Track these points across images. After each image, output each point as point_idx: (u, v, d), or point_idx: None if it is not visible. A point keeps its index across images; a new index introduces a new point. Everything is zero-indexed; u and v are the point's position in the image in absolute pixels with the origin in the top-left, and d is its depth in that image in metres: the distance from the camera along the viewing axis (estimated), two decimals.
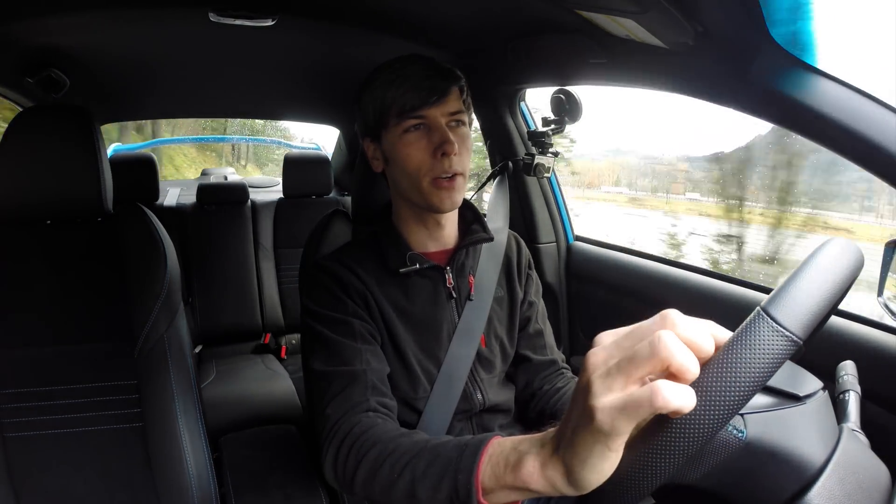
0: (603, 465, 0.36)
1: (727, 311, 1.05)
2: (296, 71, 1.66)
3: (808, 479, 0.44)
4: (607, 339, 0.36)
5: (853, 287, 0.43)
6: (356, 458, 0.61)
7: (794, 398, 0.47)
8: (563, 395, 0.88)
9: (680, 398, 0.31)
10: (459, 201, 0.79)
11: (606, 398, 0.34)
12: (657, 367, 0.33)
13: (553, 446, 0.41)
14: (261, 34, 1.19)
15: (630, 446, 0.36)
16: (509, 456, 0.45)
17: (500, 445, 0.48)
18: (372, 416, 0.66)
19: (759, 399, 0.45)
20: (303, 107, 2.27)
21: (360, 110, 0.81)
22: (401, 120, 0.76)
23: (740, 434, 0.44)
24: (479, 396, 0.84)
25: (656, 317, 0.35)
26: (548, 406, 0.88)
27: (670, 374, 0.33)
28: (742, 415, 0.44)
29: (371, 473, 0.58)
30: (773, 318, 0.35)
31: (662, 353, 0.32)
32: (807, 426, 0.46)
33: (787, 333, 0.34)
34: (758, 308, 0.36)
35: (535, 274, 0.96)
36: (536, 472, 0.41)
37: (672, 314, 0.34)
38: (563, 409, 0.86)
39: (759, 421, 0.44)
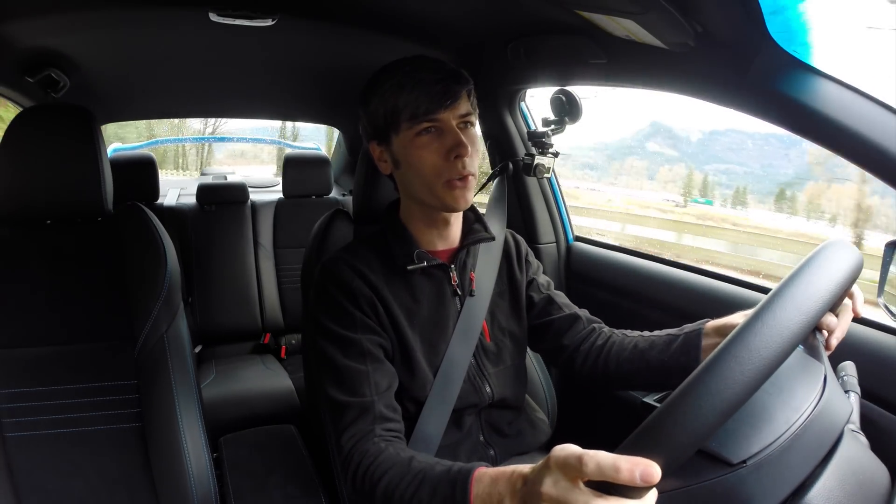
0: None
1: (726, 312, 1.05)
2: (296, 71, 1.66)
3: None
4: (556, 463, 0.44)
5: None
6: (370, 487, 0.67)
7: (725, 463, 0.45)
8: (609, 351, 0.87)
9: None
10: (471, 200, 0.81)
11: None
12: None
13: (524, 497, 0.49)
14: (261, 34, 1.19)
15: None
16: (492, 494, 0.54)
17: (480, 482, 0.56)
18: (377, 441, 0.71)
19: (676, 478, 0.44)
20: (303, 107, 2.27)
21: (366, 113, 0.81)
22: (413, 123, 0.76)
23: None
24: (488, 389, 0.85)
25: (575, 461, 0.42)
26: (597, 368, 0.87)
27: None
28: None
29: (386, 499, 0.66)
30: None
31: None
32: (742, 491, 0.44)
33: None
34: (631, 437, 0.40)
35: (533, 258, 0.98)
36: None
37: (586, 467, 0.41)
38: (615, 369, 0.85)
39: (670, 499, 0.43)
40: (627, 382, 0.87)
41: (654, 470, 0.37)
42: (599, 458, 0.40)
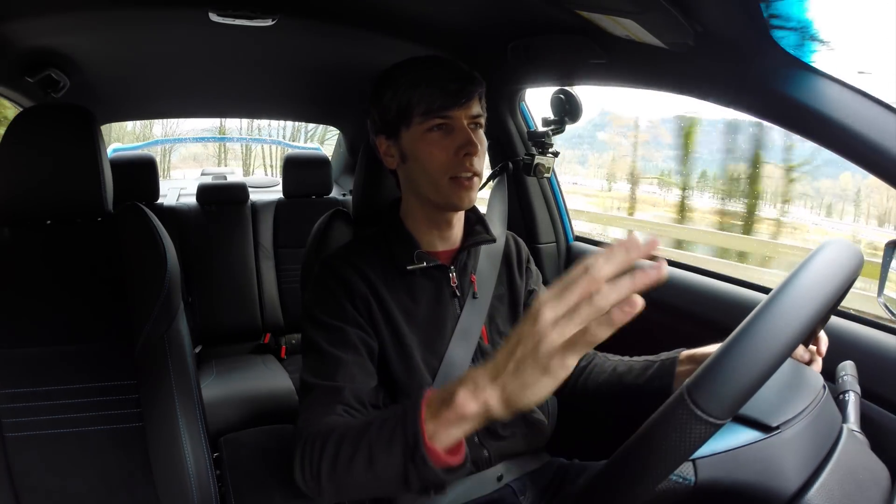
0: (543, 391, 0.44)
1: (727, 312, 1.05)
2: (296, 71, 1.66)
3: None
4: (550, 295, 0.43)
5: None
6: (319, 450, 0.62)
7: (764, 428, 0.46)
8: (591, 371, 0.89)
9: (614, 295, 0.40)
10: (475, 199, 0.82)
11: (558, 340, 0.41)
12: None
13: (489, 376, 0.48)
14: (261, 34, 1.19)
15: None
16: (443, 395, 0.51)
17: (434, 393, 0.54)
18: (333, 418, 0.68)
19: (718, 442, 0.44)
20: (303, 107, 2.27)
21: (377, 107, 0.81)
22: (426, 119, 0.77)
23: (686, 481, 0.43)
24: None
25: (580, 269, 0.41)
26: (577, 386, 0.89)
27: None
28: (693, 460, 0.43)
29: (333, 457, 0.60)
30: (694, 403, 0.35)
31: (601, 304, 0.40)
32: (779, 457, 0.45)
33: (706, 419, 0.35)
34: (681, 389, 0.37)
35: (534, 266, 0.98)
36: (470, 398, 0.48)
37: (594, 267, 0.41)
38: (593, 386, 0.88)
39: (714, 463, 0.43)
40: (604, 404, 0.88)
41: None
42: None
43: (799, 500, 0.44)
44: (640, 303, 0.39)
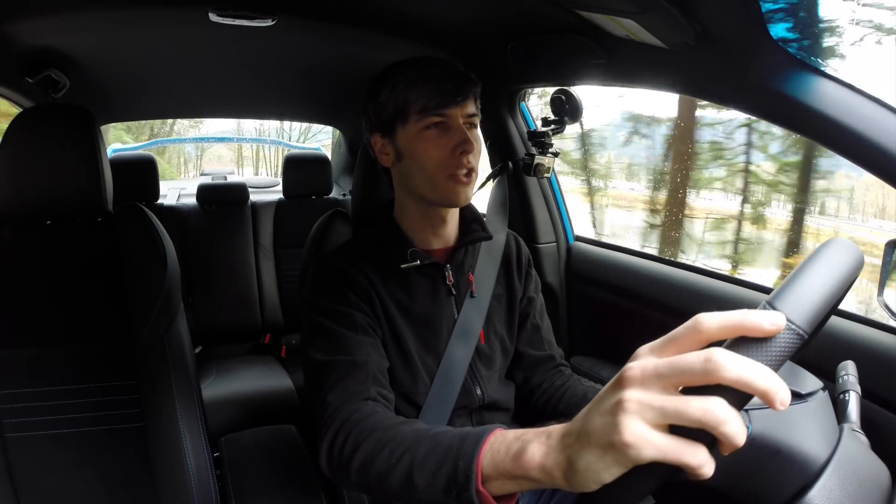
0: (605, 476, 0.35)
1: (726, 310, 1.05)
2: (296, 71, 1.66)
3: (811, 476, 0.45)
4: (644, 353, 0.36)
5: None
6: (354, 444, 0.60)
7: (797, 395, 0.48)
8: (564, 393, 0.89)
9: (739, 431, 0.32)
10: (472, 196, 0.82)
11: (642, 427, 0.33)
12: (705, 382, 0.32)
13: (560, 441, 0.40)
14: (261, 34, 1.19)
15: None
16: (511, 444, 0.45)
17: (502, 435, 0.48)
18: (371, 404, 0.67)
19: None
20: (303, 107, 2.27)
21: (374, 105, 0.82)
22: (422, 117, 0.78)
23: (746, 428, 0.44)
24: (479, 392, 0.85)
25: (690, 324, 0.34)
26: (549, 405, 0.90)
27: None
28: (747, 410, 0.45)
29: (368, 459, 0.58)
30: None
31: (717, 374, 0.32)
32: (808, 424, 0.47)
33: (794, 327, 0.34)
34: (763, 302, 0.36)
35: (534, 271, 0.98)
36: (536, 461, 0.41)
37: (705, 323, 0.34)
38: (564, 408, 0.88)
39: (763, 416, 0.45)
40: None
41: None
42: (745, 362, 0.31)
43: (799, 500, 0.44)
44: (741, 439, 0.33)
